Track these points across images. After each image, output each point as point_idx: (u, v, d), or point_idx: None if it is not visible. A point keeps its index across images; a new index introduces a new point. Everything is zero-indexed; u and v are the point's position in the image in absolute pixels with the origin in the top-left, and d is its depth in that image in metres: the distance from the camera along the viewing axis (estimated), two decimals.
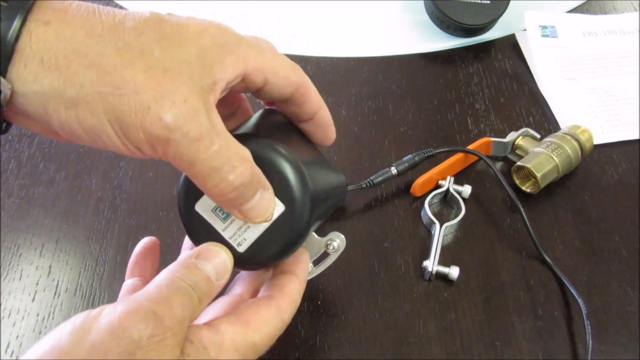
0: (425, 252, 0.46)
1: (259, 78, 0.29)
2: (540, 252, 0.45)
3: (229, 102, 0.35)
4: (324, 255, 0.37)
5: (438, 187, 0.49)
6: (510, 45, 0.63)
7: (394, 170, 0.49)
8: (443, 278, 0.44)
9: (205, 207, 0.31)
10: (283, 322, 0.31)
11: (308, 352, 0.41)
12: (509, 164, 0.52)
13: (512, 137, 0.52)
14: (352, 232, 0.47)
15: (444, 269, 0.44)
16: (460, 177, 0.51)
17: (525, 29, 0.63)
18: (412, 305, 0.43)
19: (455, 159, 0.50)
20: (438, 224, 0.46)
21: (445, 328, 0.42)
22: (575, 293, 0.43)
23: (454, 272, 0.44)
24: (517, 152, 0.52)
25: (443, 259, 0.45)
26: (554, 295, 0.44)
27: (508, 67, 0.61)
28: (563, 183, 0.51)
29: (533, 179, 0.49)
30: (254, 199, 0.28)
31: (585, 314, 0.41)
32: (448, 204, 0.50)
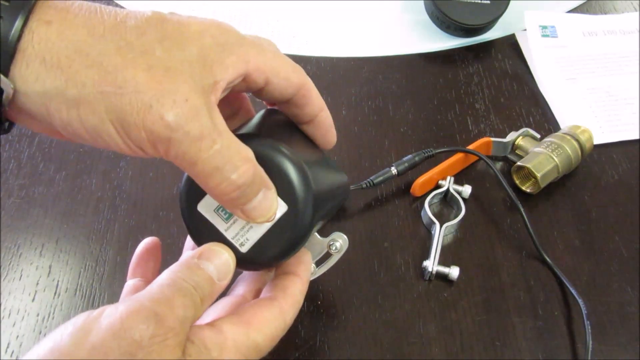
0: (425, 252, 0.46)
1: (261, 78, 0.29)
2: (540, 252, 0.45)
3: (231, 101, 0.35)
4: (327, 256, 0.37)
5: (438, 187, 0.49)
6: (510, 45, 0.63)
7: (394, 170, 0.49)
8: (443, 278, 0.44)
9: (208, 207, 0.31)
10: (285, 323, 0.31)
11: (308, 352, 0.41)
12: (509, 164, 0.52)
13: (512, 137, 0.52)
14: (352, 232, 0.47)
15: (444, 269, 0.44)
16: (460, 177, 0.51)
17: (525, 29, 0.63)
18: (412, 305, 0.43)
19: (455, 159, 0.50)
20: (438, 224, 0.46)
21: (445, 328, 0.42)
22: (575, 293, 0.43)
23: (454, 272, 0.44)
24: (517, 152, 0.52)
25: (443, 259, 0.45)
26: (554, 295, 0.44)
27: (508, 67, 0.61)
28: (563, 183, 0.51)
29: (533, 179, 0.49)
30: (257, 199, 0.28)
31: (585, 314, 0.41)
32: (448, 204, 0.50)
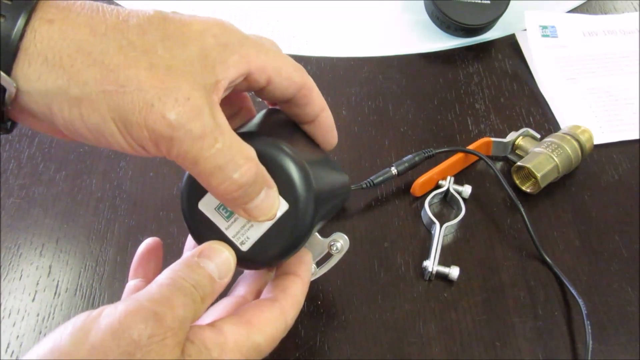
0: (425, 252, 0.46)
1: (262, 77, 0.29)
2: (540, 252, 0.45)
3: (232, 101, 0.35)
4: (327, 256, 0.37)
5: (438, 187, 0.49)
6: (511, 45, 0.63)
7: (394, 170, 0.49)
8: (443, 278, 0.44)
9: (209, 205, 0.30)
10: (286, 323, 0.31)
11: (308, 352, 0.41)
12: (509, 164, 0.52)
13: (512, 137, 0.52)
14: (352, 232, 0.47)
15: (444, 269, 0.44)
16: (461, 177, 0.51)
17: (526, 29, 0.63)
18: (412, 305, 0.43)
19: (456, 159, 0.50)
20: (438, 224, 0.46)
21: (445, 328, 0.42)
22: (575, 293, 0.43)
23: (454, 272, 0.44)
24: (517, 152, 0.52)
25: (443, 259, 0.45)
26: (554, 295, 0.44)
27: (508, 67, 0.61)
28: (563, 183, 0.51)
29: (533, 179, 0.49)
30: (259, 198, 0.28)
31: (585, 314, 0.41)
32: (448, 204, 0.50)
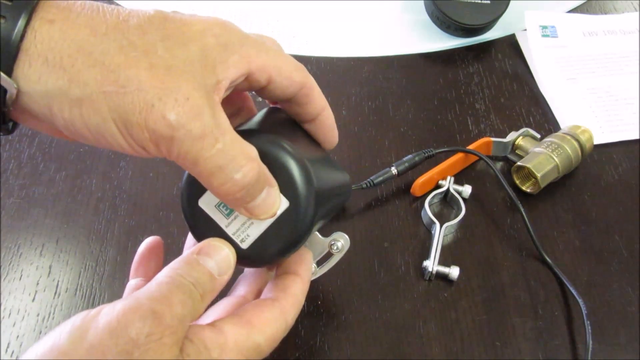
0: (425, 252, 0.46)
1: (263, 77, 0.29)
2: (540, 252, 0.45)
3: (233, 100, 0.35)
4: (328, 256, 0.37)
5: (438, 187, 0.49)
6: (511, 45, 0.63)
7: (394, 170, 0.49)
8: (443, 278, 0.44)
9: (209, 202, 0.30)
10: (287, 323, 0.31)
11: (308, 352, 0.41)
12: (509, 164, 0.52)
13: (512, 137, 0.52)
14: (352, 232, 0.47)
15: (444, 269, 0.44)
16: (461, 177, 0.51)
17: (526, 29, 0.63)
18: (412, 305, 0.43)
19: (456, 159, 0.50)
20: (438, 224, 0.46)
21: (445, 328, 0.42)
22: (575, 293, 0.43)
23: (454, 272, 0.44)
24: (517, 152, 0.52)
25: (443, 259, 0.45)
26: (554, 295, 0.44)
27: (508, 67, 0.61)
28: (563, 183, 0.51)
29: (533, 179, 0.49)
30: (260, 197, 0.28)
31: (585, 314, 0.41)
32: (448, 204, 0.50)
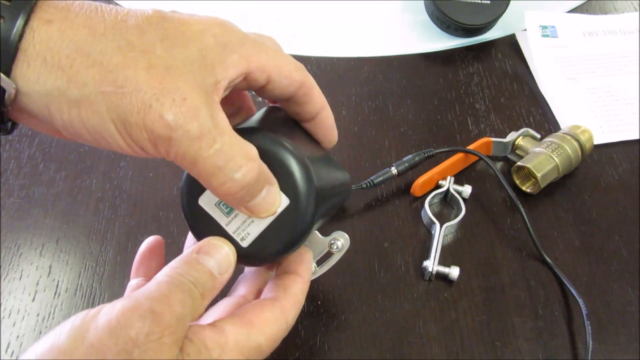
0: (426, 252, 0.46)
1: (262, 76, 0.29)
2: (540, 252, 0.45)
3: (232, 100, 0.35)
4: (328, 255, 0.37)
5: (438, 187, 0.49)
6: (511, 45, 0.63)
7: (394, 170, 0.49)
8: (443, 278, 0.44)
9: (209, 201, 0.30)
10: (287, 323, 0.31)
11: (308, 352, 0.41)
12: (509, 164, 0.52)
13: (512, 137, 0.52)
14: (352, 232, 0.47)
15: (444, 269, 0.44)
16: (461, 177, 0.51)
17: (526, 29, 0.63)
18: (412, 305, 0.43)
19: (456, 159, 0.50)
20: (438, 224, 0.46)
21: (445, 328, 0.42)
22: (575, 293, 0.43)
23: (454, 272, 0.44)
24: (517, 152, 0.52)
25: (443, 259, 0.45)
26: (554, 295, 0.44)
27: (508, 67, 0.61)
28: (563, 183, 0.51)
29: (533, 179, 0.49)
30: (260, 195, 0.28)
31: (585, 314, 0.41)
32: (448, 204, 0.50)
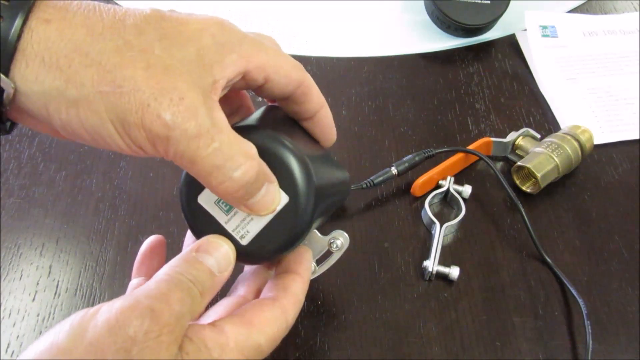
0: (426, 252, 0.46)
1: (260, 76, 0.29)
2: (540, 252, 0.45)
3: (231, 99, 0.35)
4: (327, 254, 0.37)
5: (438, 187, 0.49)
6: (511, 45, 0.63)
7: (394, 170, 0.49)
8: (443, 278, 0.44)
9: (208, 199, 0.30)
10: (287, 322, 0.31)
11: (308, 352, 0.41)
12: (509, 164, 0.52)
13: (512, 137, 0.52)
14: (352, 231, 0.47)
15: (444, 269, 0.44)
16: (461, 177, 0.51)
17: (526, 29, 0.63)
18: (412, 305, 0.43)
19: (456, 159, 0.50)
20: (438, 224, 0.46)
21: (445, 328, 0.42)
22: (575, 293, 0.43)
23: (454, 272, 0.44)
24: (517, 152, 0.52)
25: (443, 259, 0.45)
26: (554, 295, 0.44)
27: (508, 67, 0.61)
28: (563, 183, 0.51)
29: (533, 179, 0.49)
30: (260, 193, 0.28)
31: (585, 314, 0.41)
32: (448, 204, 0.50)
